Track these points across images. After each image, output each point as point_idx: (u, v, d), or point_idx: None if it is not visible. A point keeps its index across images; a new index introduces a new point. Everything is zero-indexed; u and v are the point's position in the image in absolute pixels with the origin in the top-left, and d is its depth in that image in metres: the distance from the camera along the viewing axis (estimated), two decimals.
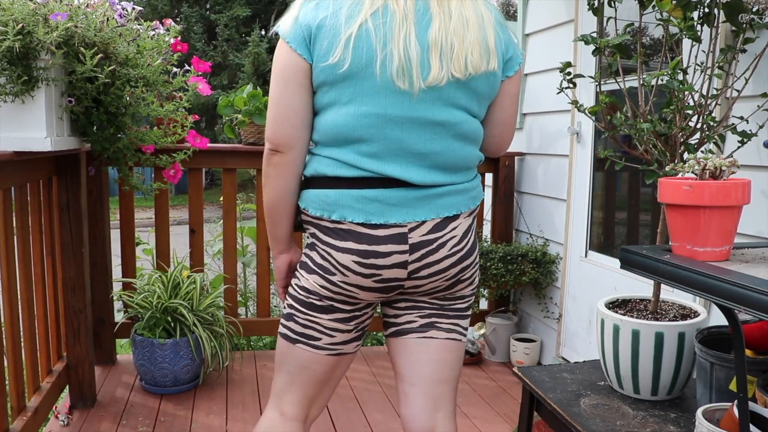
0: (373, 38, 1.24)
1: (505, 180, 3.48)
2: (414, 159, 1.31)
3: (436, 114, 1.30)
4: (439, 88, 1.28)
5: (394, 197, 1.31)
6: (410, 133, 1.29)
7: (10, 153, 1.93)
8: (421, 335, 1.45)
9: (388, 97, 1.27)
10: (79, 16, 2.02)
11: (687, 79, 1.85)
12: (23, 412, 2.15)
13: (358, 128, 1.28)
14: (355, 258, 1.31)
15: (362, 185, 1.30)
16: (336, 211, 1.30)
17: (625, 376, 1.82)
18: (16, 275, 2.10)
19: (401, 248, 1.31)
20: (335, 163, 1.31)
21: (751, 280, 1.17)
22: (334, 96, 1.28)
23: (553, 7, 3.23)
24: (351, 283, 1.33)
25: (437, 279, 1.37)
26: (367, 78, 1.25)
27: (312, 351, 1.40)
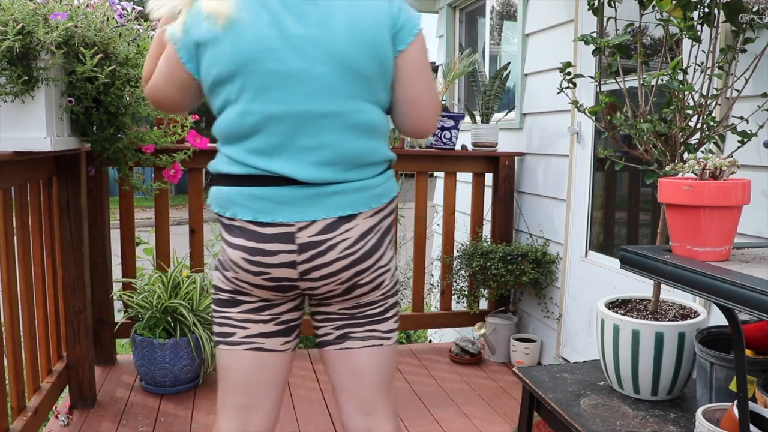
0: (251, 35, 1.23)
1: (505, 180, 3.48)
2: (303, 155, 1.26)
3: (322, 106, 1.25)
4: (322, 78, 1.24)
5: (282, 195, 1.27)
6: (296, 128, 1.25)
7: (10, 153, 1.93)
8: (338, 347, 1.42)
9: (269, 94, 1.24)
10: (79, 16, 2.02)
11: (687, 79, 1.85)
12: (23, 412, 2.15)
13: (244, 125, 1.26)
14: (243, 255, 1.29)
15: (251, 183, 1.28)
16: (229, 208, 1.30)
17: (625, 376, 1.81)
18: (16, 275, 2.10)
19: (288, 248, 1.28)
20: (228, 160, 1.30)
21: (751, 280, 1.17)
22: (224, 97, 1.28)
23: (553, 7, 3.23)
24: (242, 280, 1.33)
25: (330, 282, 1.32)
26: (247, 75, 1.24)
27: (229, 348, 1.38)
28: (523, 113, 3.60)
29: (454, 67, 3.55)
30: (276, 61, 1.23)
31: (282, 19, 1.23)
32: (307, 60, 1.23)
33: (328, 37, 1.23)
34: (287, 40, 1.23)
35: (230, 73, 1.24)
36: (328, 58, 1.23)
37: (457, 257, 3.45)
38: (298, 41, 1.23)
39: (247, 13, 1.23)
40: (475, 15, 4.75)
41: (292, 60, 1.23)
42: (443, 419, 2.66)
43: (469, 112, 3.72)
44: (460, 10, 4.90)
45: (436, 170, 3.70)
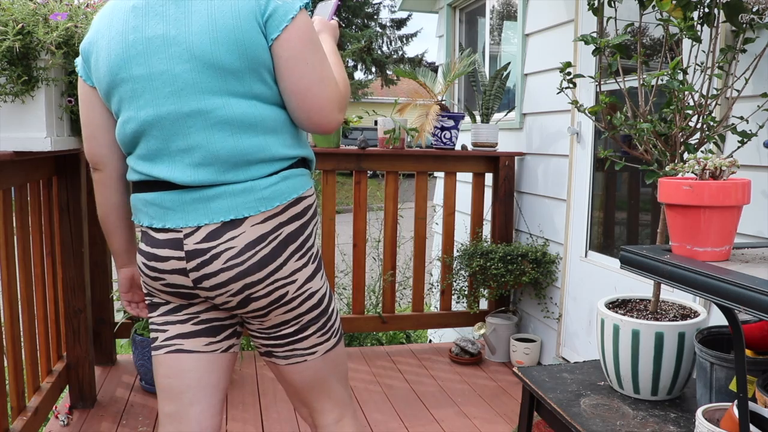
0: (119, 43, 1.23)
1: (505, 180, 3.48)
2: (179, 157, 1.22)
3: (185, 105, 1.19)
4: (181, 76, 1.19)
5: (168, 200, 1.24)
6: (168, 130, 1.21)
7: (10, 153, 1.93)
8: (268, 360, 1.41)
9: (139, 100, 1.23)
10: (79, 16, 2.02)
11: (687, 79, 1.85)
12: (23, 412, 2.14)
13: (126, 134, 1.27)
14: (143, 259, 1.31)
15: (144, 189, 1.29)
16: (136, 215, 1.33)
17: (625, 376, 1.81)
18: (16, 275, 2.09)
19: (177, 254, 1.24)
20: (129, 169, 1.32)
21: (751, 280, 1.17)
22: (112, 108, 1.29)
23: (553, 7, 3.23)
24: (147, 284, 1.34)
25: (222, 293, 1.25)
26: (120, 85, 1.25)
27: (155, 354, 1.37)
28: (523, 113, 3.60)
29: (454, 67, 3.55)
30: (141, 66, 1.21)
31: (146, 21, 1.21)
32: (167, 60, 1.19)
33: (185, 34, 1.18)
34: (148, 42, 1.20)
35: (108, 84, 1.26)
36: (186, 56, 1.18)
37: (457, 257, 3.45)
38: (158, 42, 1.20)
39: (118, 22, 1.25)
40: (475, 15, 4.75)
41: (154, 62, 1.20)
42: (443, 419, 2.66)
43: (469, 112, 3.72)
44: (460, 10, 4.90)
45: (436, 170, 3.70)
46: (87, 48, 1.30)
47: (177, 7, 1.20)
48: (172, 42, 1.19)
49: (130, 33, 1.22)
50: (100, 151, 1.35)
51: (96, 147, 1.35)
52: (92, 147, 1.35)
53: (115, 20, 1.25)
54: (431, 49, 29.04)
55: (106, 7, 1.30)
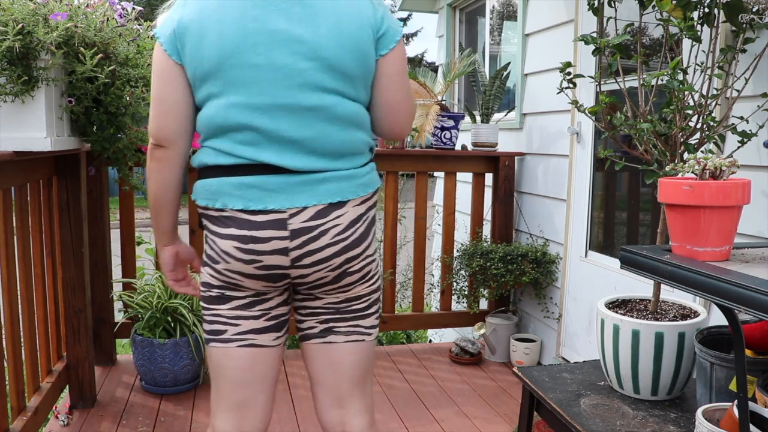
0: (235, 30, 1.26)
1: (505, 180, 3.48)
2: (289, 145, 1.30)
3: (304, 99, 1.29)
4: (303, 73, 1.28)
5: (273, 183, 1.30)
6: (281, 121, 1.29)
7: (10, 153, 1.93)
8: (321, 341, 1.45)
9: (254, 86, 1.28)
10: (79, 16, 2.02)
11: (687, 79, 1.85)
12: (23, 412, 2.14)
13: (229, 118, 1.29)
14: (236, 244, 1.31)
15: (240, 172, 1.31)
16: (218, 199, 1.32)
17: (625, 376, 1.81)
18: (16, 275, 2.09)
19: (281, 234, 1.30)
20: (215, 152, 1.32)
21: (751, 280, 1.17)
22: (207, 90, 1.30)
23: (553, 7, 3.23)
24: (234, 270, 1.33)
25: (321, 269, 1.35)
26: (232, 69, 1.27)
27: (222, 346, 1.39)
28: (523, 113, 3.60)
29: (454, 67, 3.55)
30: (260, 56, 1.26)
31: (267, 14, 1.27)
32: (290, 55, 1.27)
33: (312, 35, 1.27)
34: (271, 35, 1.27)
35: (214, 66, 1.27)
36: (311, 55, 1.28)
37: (457, 257, 3.45)
38: (281, 36, 1.27)
39: (231, 7, 1.27)
40: (475, 15, 4.75)
41: (276, 54, 1.27)
42: (443, 419, 2.66)
43: (469, 112, 3.72)
44: (460, 10, 4.90)
45: (436, 170, 3.70)
46: (185, 26, 1.28)
47: (303, 8, 1.28)
48: (297, 40, 1.27)
49: (250, 22, 1.26)
50: (173, 127, 1.34)
51: (170, 124, 1.34)
52: (166, 123, 1.34)
53: (227, 5, 1.27)
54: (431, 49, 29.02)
55: None
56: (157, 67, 1.33)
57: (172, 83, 1.32)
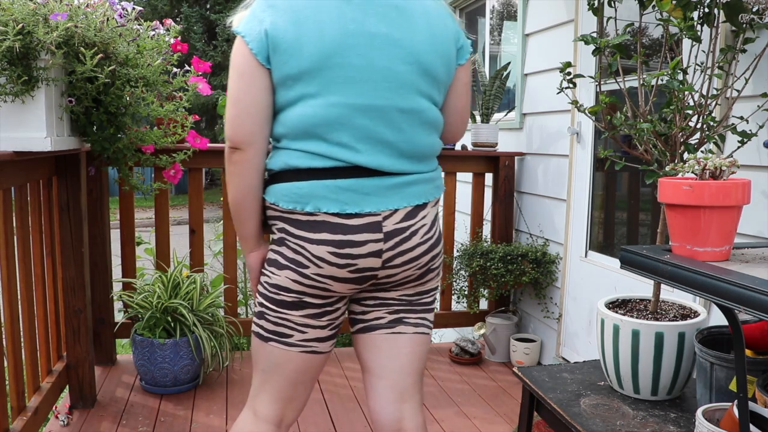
0: (336, 30, 1.26)
1: (505, 180, 3.48)
2: (383, 147, 1.33)
3: (402, 102, 1.32)
4: (402, 75, 1.31)
5: (368, 186, 1.32)
6: (378, 122, 1.31)
7: (10, 153, 1.93)
8: (390, 331, 1.47)
9: (354, 87, 1.28)
10: (79, 16, 2.02)
11: (687, 79, 1.85)
12: (23, 412, 2.15)
13: (327, 119, 1.28)
14: (330, 249, 1.31)
15: (335, 175, 1.30)
16: (309, 202, 1.30)
17: (625, 376, 1.81)
18: (16, 275, 2.09)
19: (376, 237, 1.32)
20: (306, 155, 1.31)
21: (751, 280, 1.17)
22: (300, 90, 1.28)
23: (553, 7, 3.23)
24: (325, 275, 1.33)
25: (410, 267, 1.39)
26: (332, 69, 1.27)
27: (284, 348, 1.40)
28: (523, 113, 3.60)
29: None
30: (360, 57, 1.28)
31: (366, 17, 1.29)
32: (389, 58, 1.30)
33: (410, 39, 1.32)
34: (371, 37, 1.29)
35: (314, 65, 1.26)
36: (409, 59, 1.32)
37: (457, 257, 3.45)
38: (381, 39, 1.30)
39: (328, 10, 1.28)
40: (475, 15, 4.75)
41: (375, 56, 1.29)
42: (443, 419, 2.66)
43: None
44: (460, 10, 4.90)
45: None
46: (280, 27, 1.26)
47: (399, 13, 1.32)
48: (395, 43, 1.31)
49: (350, 23, 1.28)
50: (254, 129, 1.31)
51: (251, 125, 1.31)
52: (247, 125, 1.31)
53: (324, 8, 1.28)
54: None
55: None
56: (239, 68, 1.30)
57: (254, 84, 1.29)
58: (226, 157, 1.34)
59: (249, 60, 1.28)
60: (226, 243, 3.24)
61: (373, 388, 1.50)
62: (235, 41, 1.30)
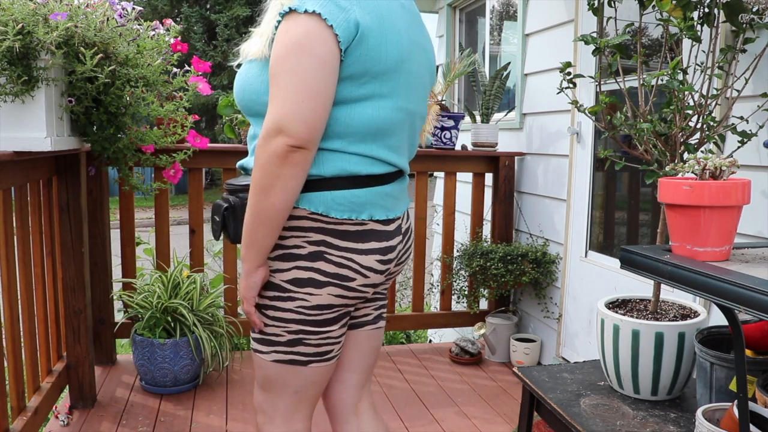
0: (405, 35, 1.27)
1: (505, 180, 3.48)
2: (408, 150, 1.36)
3: (423, 109, 1.38)
4: (426, 85, 1.36)
5: (399, 190, 1.35)
6: (413, 126, 1.35)
7: (10, 153, 1.93)
8: (373, 327, 1.49)
9: (413, 92, 1.30)
10: (79, 16, 2.02)
11: (687, 79, 1.85)
12: (23, 412, 2.14)
13: (393, 122, 1.26)
14: (378, 257, 1.28)
15: (386, 181, 1.30)
16: (365, 210, 1.24)
17: (625, 376, 1.81)
18: (16, 275, 2.09)
19: (399, 239, 1.34)
20: (366, 160, 1.24)
21: (751, 280, 1.17)
22: (372, 88, 1.20)
23: (553, 7, 3.23)
24: (369, 284, 1.30)
25: (406, 261, 1.43)
26: (402, 73, 1.25)
27: (326, 365, 1.35)
28: (523, 113, 3.60)
29: (454, 67, 3.55)
30: (414, 64, 1.29)
31: (411, 26, 1.31)
32: (422, 67, 1.33)
33: (429, 50, 1.37)
34: (416, 46, 1.30)
35: (393, 66, 1.22)
36: (429, 69, 1.37)
37: (457, 257, 3.45)
38: (419, 49, 1.32)
39: (396, 14, 1.26)
40: (475, 15, 4.75)
41: (415, 64, 1.30)
42: (443, 419, 2.66)
43: (469, 112, 3.72)
44: (460, 10, 4.90)
45: (436, 170, 3.70)
46: (370, 21, 1.17)
47: (422, 25, 1.37)
48: (425, 53, 1.35)
49: (408, 30, 1.28)
50: (321, 127, 1.17)
51: (321, 122, 1.16)
52: (322, 121, 1.16)
53: (394, 11, 1.25)
54: None
55: None
56: (320, 54, 1.13)
57: (335, 75, 1.15)
58: (280, 157, 1.14)
59: (332, 47, 1.13)
60: (226, 243, 3.24)
61: (341, 381, 1.49)
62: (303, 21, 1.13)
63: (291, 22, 1.14)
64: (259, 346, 1.34)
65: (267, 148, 1.15)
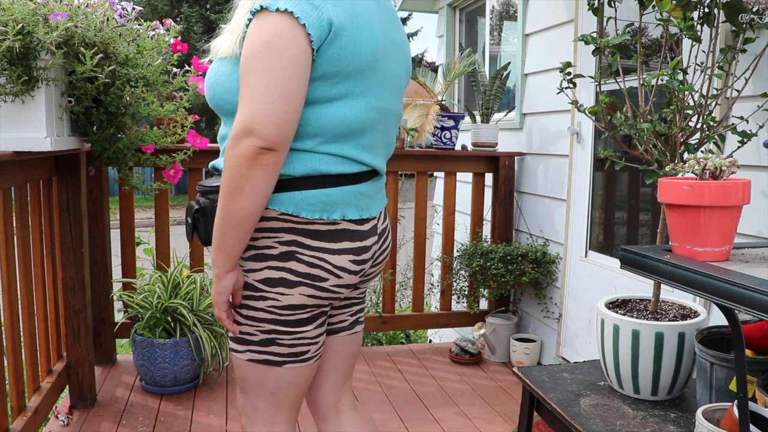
0: (379, 33, 1.24)
1: (505, 180, 3.48)
2: (381, 149, 1.34)
3: (398, 107, 1.36)
4: (402, 82, 1.35)
5: (374, 189, 1.33)
6: (388, 125, 1.33)
7: (10, 153, 1.93)
8: (349, 332, 1.48)
9: (387, 90, 1.28)
10: (79, 16, 2.02)
11: (687, 79, 1.85)
12: (23, 412, 2.14)
13: (366, 121, 1.24)
14: (351, 257, 1.27)
15: (358, 180, 1.28)
16: (336, 210, 1.24)
17: (625, 376, 1.81)
18: (16, 275, 2.09)
19: (374, 239, 1.32)
20: (337, 159, 1.23)
21: (751, 280, 1.17)
22: (345, 88, 1.19)
23: (553, 7, 3.23)
24: (342, 285, 1.29)
25: (383, 262, 1.41)
26: (376, 72, 1.23)
27: (302, 366, 1.34)
28: (523, 113, 3.60)
29: (454, 67, 3.55)
30: (387, 62, 1.27)
31: (388, 23, 1.29)
32: (396, 65, 1.31)
33: (405, 49, 1.36)
34: (392, 43, 1.29)
35: (366, 65, 1.20)
36: (405, 67, 1.36)
37: (457, 257, 3.45)
38: (395, 46, 1.30)
39: (371, 10, 1.25)
40: (475, 15, 4.75)
41: (390, 62, 1.28)
42: (443, 419, 2.66)
43: (469, 112, 3.72)
44: (460, 10, 4.90)
45: (436, 170, 3.70)
46: (344, 19, 1.15)
47: (397, 22, 1.36)
48: (400, 51, 1.33)
49: (383, 27, 1.27)
50: (293, 128, 1.15)
51: (292, 124, 1.14)
52: (293, 123, 1.14)
53: (369, 7, 1.24)
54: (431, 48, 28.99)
55: None
56: (292, 55, 1.11)
57: (306, 75, 1.14)
58: (250, 160, 1.12)
59: (305, 47, 1.12)
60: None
61: (318, 383, 1.50)
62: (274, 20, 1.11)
63: (262, 20, 1.12)
64: (235, 345, 1.35)
65: (236, 150, 1.13)
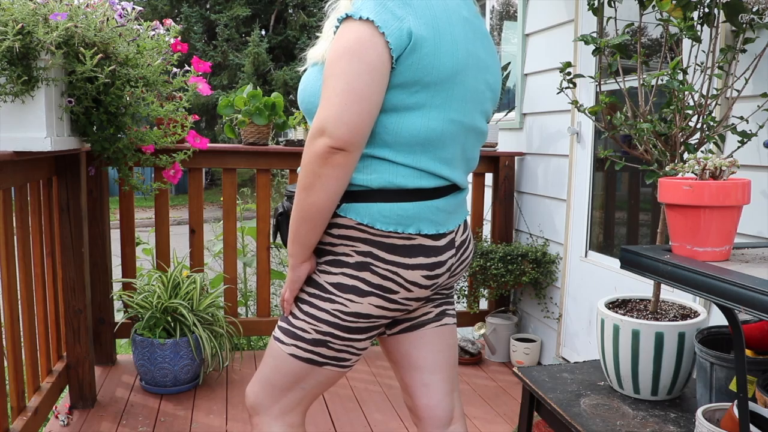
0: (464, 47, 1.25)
1: (505, 180, 3.48)
2: (464, 165, 1.35)
3: (481, 124, 1.36)
4: (485, 101, 1.35)
5: (452, 204, 1.33)
6: (467, 140, 1.33)
7: (10, 153, 1.93)
8: (438, 324, 1.47)
9: (468, 105, 1.29)
10: (79, 16, 2.02)
11: (687, 79, 1.85)
12: (23, 412, 2.14)
13: (444, 133, 1.25)
14: (424, 272, 1.28)
15: (437, 195, 1.28)
16: (412, 224, 1.25)
17: (625, 376, 1.81)
18: (16, 275, 2.09)
19: (452, 253, 1.33)
20: (415, 172, 1.25)
21: (751, 280, 1.17)
22: (423, 98, 1.21)
23: (553, 7, 3.23)
24: (412, 298, 1.31)
25: (465, 269, 1.43)
26: (456, 85, 1.24)
27: (339, 371, 1.37)
28: (523, 113, 3.60)
29: None
30: (471, 77, 1.28)
31: (474, 38, 1.30)
32: (480, 82, 1.32)
33: (493, 66, 1.36)
34: (477, 59, 1.30)
35: (446, 76, 1.22)
36: (491, 85, 1.36)
37: None
38: (481, 63, 1.31)
39: (457, 24, 1.26)
40: None
41: (474, 78, 1.29)
42: None
43: None
44: None
45: None
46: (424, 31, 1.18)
47: (487, 42, 1.36)
48: (486, 69, 1.34)
49: (469, 42, 1.28)
50: (366, 131, 1.18)
51: (368, 127, 1.18)
52: (366, 126, 1.17)
53: (455, 21, 1.25)
54: None
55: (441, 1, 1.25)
56: (371, 62, 1.15)
57: (383, 82, 1.17)
58: (321, 158, 1.17)
59: (384, 55, 1.16)
60: (226, 243, 3.24)
61: (425, 385, 1.47)
62: (356, 27, 1.17)
63: (346, 28, 1.18)
64: (282, 335, 1.36)
65: (310, 148, 1.18)
